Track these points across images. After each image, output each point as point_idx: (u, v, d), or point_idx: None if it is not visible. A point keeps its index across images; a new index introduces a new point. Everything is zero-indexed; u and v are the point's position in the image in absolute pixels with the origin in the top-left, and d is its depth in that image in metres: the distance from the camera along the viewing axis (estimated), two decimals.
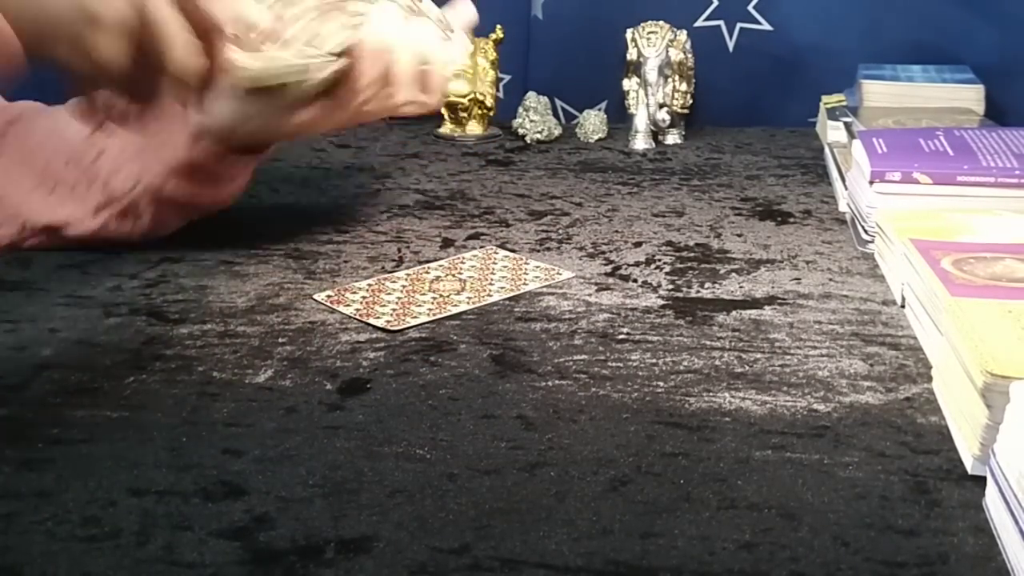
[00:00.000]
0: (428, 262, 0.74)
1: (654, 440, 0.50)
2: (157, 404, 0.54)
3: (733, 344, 0.60)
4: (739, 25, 1.19)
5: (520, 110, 1.14)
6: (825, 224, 0.83)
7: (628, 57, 1.09)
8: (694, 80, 1.12)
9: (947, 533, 0.42)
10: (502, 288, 0.69)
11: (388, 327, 0.63)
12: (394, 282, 0.70)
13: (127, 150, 0.72)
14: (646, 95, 1.08)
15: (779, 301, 0.66)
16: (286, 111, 0.69)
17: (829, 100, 1.10)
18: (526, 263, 0.74)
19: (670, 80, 1.08)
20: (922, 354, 0.58)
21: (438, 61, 0.72)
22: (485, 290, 0.68)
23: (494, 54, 1.13)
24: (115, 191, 0.72)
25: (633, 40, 1.08)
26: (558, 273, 0.72)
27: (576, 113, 1.23)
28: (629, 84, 1.10)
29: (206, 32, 0.57)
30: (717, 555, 0.41)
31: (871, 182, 0.74)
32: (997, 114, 1.02)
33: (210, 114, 0.69)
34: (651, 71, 1.06)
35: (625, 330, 0.62)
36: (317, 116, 0.69)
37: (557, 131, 1.13)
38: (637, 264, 0.74)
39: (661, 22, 1.08)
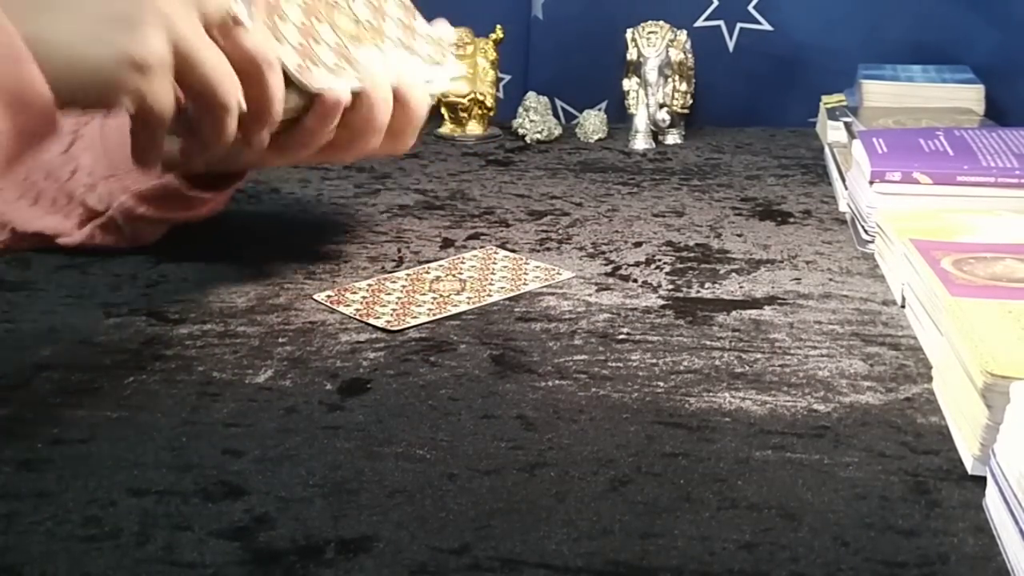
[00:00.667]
0: (428, 262, 0.74)
1: (654, 440, 0.50)
2: (157, 404, 0.54)
3: (733, 344, 0.60)
4: (739, 25, 1.19)
5: (520, 110, 1.14)
6: (825, 224, 0.83)
7: (628, 57, 1.09)
8: (694, 80, 1.12)
9: (947, 533, 0.42)
10: (502, 288, 0.69)
11: (388, 327, 0.62)
12: (394, 282, 0.70)
13: (96, 171, 0.71)
14: (646, 95, 1.08)
15: (779, 301, 0.66)
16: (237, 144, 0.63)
17: (829, 100, 1.10)
18: (526, 263, 0.74)
19: (670, 80, 1.08)
20: (922, 354, 0.58)
21: (415, 104, 0.66)
22: (485, 290, 0.68)
23: (494, 54, 1.13)
24: (93, 207, 0.72)
25: (633, 40, 1.08)
26: (558, 273, 0.72)
27: (576, 113, 1.23)
28: (629, 84, 1.10)
29: (249, 64, 0.55)
30: (717, 555, 0.41)
31: (871, 182, 0.74)
32: (997, 114, 1.02)
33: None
34: (651, 71, 1.06)
35: (625, 330, 0.62)
36: (274, 151, 0.63)
37: (557, 131, 1.13)
38: (637, 264, 0.74)
39: (661, 22, 1.08)
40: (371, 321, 0.63)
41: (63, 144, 0.72)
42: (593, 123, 1.14)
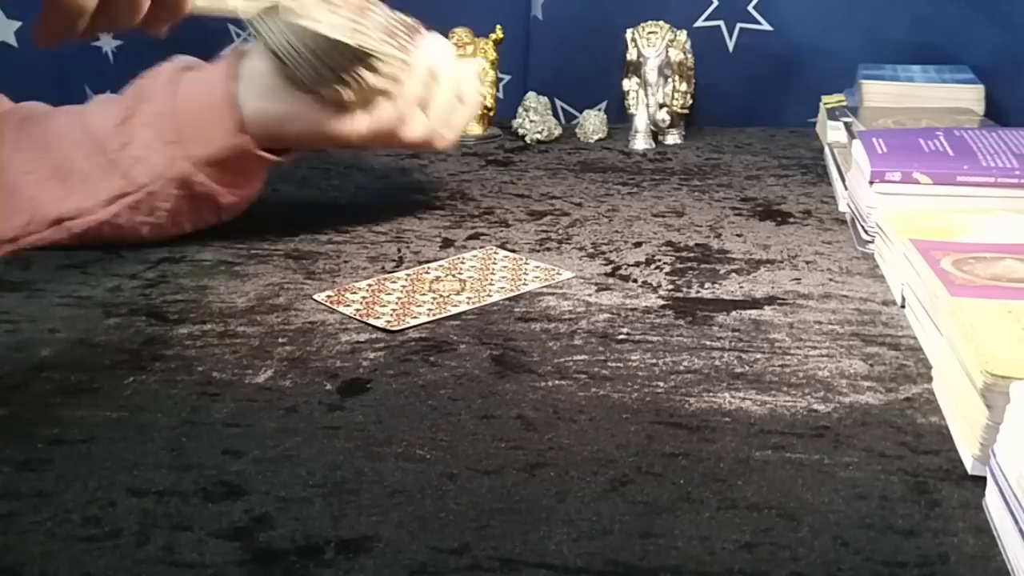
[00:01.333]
0: (428, 262, 0.74)
1: (654, 440, 0.50)
2: (157, 404, 0.54)
3: (733, 344, 0.60)
4: (739, 25, 1.19)
5: (520, 110, 1.14)
6: (825, 224, 0.83)
7: (628, 57, 1.09)
8: (694, 80, 1.12)
9: (947, 533, 0.42)
10: (502, 288, 0.69)
11: (388, 327, 0.63)
12: (394, 282, 0.70)
13: (154, 142, 0.72)
14: (646, 95, 1.08)
15: (779, 301, 0.66)
16: (330, 116, 0.71)
17: (829, 100, 1.10)
18: (526, 263, 0.74)
19: (670, 80, 1.08)
20: (922, 354, 0.58)
21: (471, 102, 0.78)
22: (485, 290, 0.68)
23: (494, 54, 1.13)
24: (134, 180, 0.73)
25: (633, 40, 1.08)
26: (558, 273, 0.71)
27: (576, 113, 1.23)
28: (629, 84, 1.10)
29: None
30: (717, 555, 0.41)
31: (871, 182, 0.74)
32: (997, 114, 1.02)
33: (260, 110, 0.72)
34: (651, 71, 1.06)
35: (625, 330, 0.62)
36: (356, 128, 0.72)
37: (557, 131, 1.13)
38: (637, 264, 0.74)
39: (661, 22, 1.08)
40: (371, 321, 0.63)
41: (118, 118, 0.74)
42: (593, 123, 1.14)
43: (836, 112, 1.02)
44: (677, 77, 1.08)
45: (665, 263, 0.74)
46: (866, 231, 0.75)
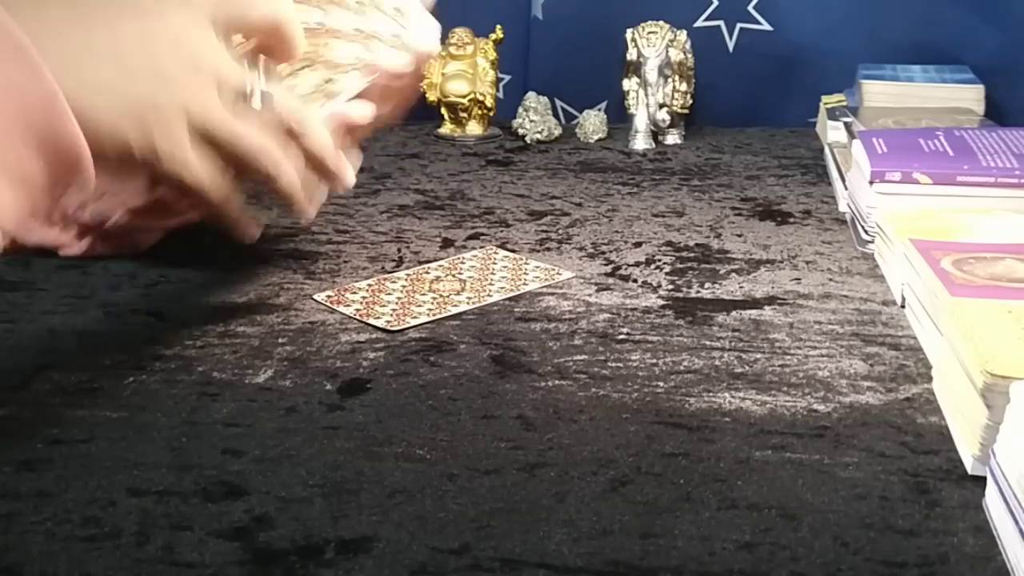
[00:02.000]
0: (428, 262, 0.74)
1: (654, 440, 0.50)
2: (157, 404, 0.54)
3: (733, 344, 0.60)
4: (739, 25, 1.19)
5: (520, 110, 1.14)
6: (825, 224, 0.83)
7: (628, 57, 1.09)
8: (694, 80, 1.12)
9: (947, 533, 0.42)
10: (502, 288, 0.69)
11: (388, 327, 0.63)
12: (394, 282, 0.70)
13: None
14: (646, 95, 1.08)
15: (779, 301, 0.66)
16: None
17: (829, 100, 1.10)
18: (526, 263, 0.74)
19: (670, 80, 1.08)
20: (922, 354, 0.58)
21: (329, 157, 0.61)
22: (485, 290, 0.68)
23: (494, 54, 1.13)
24: (87, 224, 0.72)
25: (633, 40, 1.08)
26: (558, 273, 0.71)
27: (576, 113, 1.23)
28: (629, 84, 1.10)
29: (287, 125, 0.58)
30: (717, 555, 0.41)
31: (871, 182, 0.74)
32: (997, 114, 1.02)
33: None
34: (651, 71, 1.06)
35: (625, 330, 0.62)
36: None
37: (557, 131, 1.13)
38: (637, 264, 0.74)
39: (661, 22, 1.08)
40: (371, 321, 0.63)
41: None
42: (593, 123, 1.14)
43: (836, 112, 1.02)
44: (677, 77, 1.08)
45: (665, 263, 0.74)
46: (866, 231, 0.75)
